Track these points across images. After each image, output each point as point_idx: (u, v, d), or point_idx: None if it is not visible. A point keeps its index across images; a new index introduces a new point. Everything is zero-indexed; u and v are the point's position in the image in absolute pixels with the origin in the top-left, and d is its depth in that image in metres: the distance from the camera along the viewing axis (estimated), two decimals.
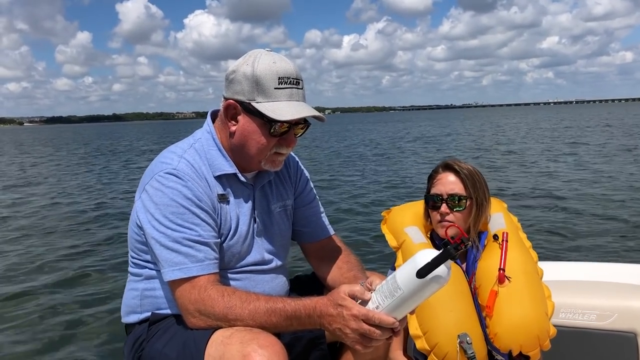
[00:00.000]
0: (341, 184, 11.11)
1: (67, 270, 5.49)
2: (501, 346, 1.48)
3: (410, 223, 1.70)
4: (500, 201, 1.77)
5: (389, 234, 1.74)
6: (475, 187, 1.59)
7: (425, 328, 1.49)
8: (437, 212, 1.60)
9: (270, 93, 1.29)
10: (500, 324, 1.48)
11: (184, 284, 1.25)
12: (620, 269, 2.26)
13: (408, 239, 1.65)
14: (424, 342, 1.50)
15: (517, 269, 1.53)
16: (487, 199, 1.63)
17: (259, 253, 1.44)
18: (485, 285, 1.52)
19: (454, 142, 23.50)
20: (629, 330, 1.77)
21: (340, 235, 1.69)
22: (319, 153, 19.78)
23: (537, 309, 1.49)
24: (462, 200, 1.58)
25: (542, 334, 1.47)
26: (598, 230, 6.19)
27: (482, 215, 1.61)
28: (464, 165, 1.63)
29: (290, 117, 1.28)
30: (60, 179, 14.68)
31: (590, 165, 12.59)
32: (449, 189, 1.59)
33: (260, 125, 1.31)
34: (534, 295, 1.51)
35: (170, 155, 1.36)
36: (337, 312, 1.12)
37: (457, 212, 1.58)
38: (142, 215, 1.31)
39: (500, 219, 1.67)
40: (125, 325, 1.47)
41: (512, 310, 1.48)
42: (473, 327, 1.49)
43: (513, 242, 1.59)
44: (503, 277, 1.50)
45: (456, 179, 1.60)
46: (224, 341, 1.17)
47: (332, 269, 1.52)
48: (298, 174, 1.59)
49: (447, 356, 1.47)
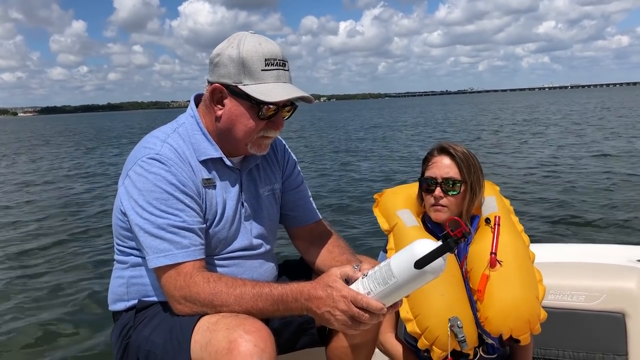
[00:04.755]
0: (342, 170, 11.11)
1: (54, 258, 5.48)
2: (492, 330, 1.48)
3: (402, 206, 1.69)
4: (493, 184, 1.75)
5: (381, 216, 1.72)
6: (470, 171, 1.57)
7: (416, 311, 1.49)
8: (430, 196, 1.59)
9: (257, 75, 1.26)
10: (491, 308, 1.47)
11: (169, 270, 1.24)
12: (609, 250, 2.28)
13: (400, 222, 1.64)
14: (415, 326, 1.49)
15: (508, 253, 1.52)
16: (481, 184, 1.62)
17: (247, 238, 1.42)
18: (476, 269, 1.52)
19: (449, 127, 23.50)
20: (617, 311, 1.78)
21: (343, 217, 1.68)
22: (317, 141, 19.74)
23: (528, 293, 1.48)
24: (457, 184, 1.56)
25: (532, 318, 1.47)
26: (587, 211, 6.24)
27: (475, 199, 1.59)
28: (459, 148, 1.60)
29: (279, 98, 1.26)
30: (45, 167, 14.58)
31: (579, 148, 12.67)
32: (444, 172, 1.57)
33: (247, 108, 1.29)
34: (525, 279, 1.50)
35: (153, 140, 1.34)
36: (327, 294, 1.11)
37: (451, 196, 1.56)
38: (125, 202, 1.29)
39: (492, 202, 1.66)
40: (113, 313, 1.45)
41: (503, 294, 1.47)
42: (464, 311, 1.48)
43: (505, 226, 1.58)
44: (495, 261, 1.50)
45: (451, 163, 1.58)
46: (210, 327, 1.15)
47: (322, 252, 1.51)
48: (285, 158, 1.57)
49: (438, 340, 1.47)
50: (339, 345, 1.49)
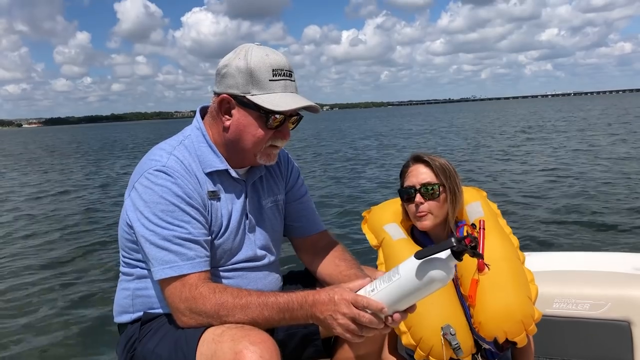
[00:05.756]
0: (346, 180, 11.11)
1: (60, 270, 5.49)
2: (486, 334, 1.48)
3: (389, 220, 1.71)
4: (479, 190, 1.77)
5: (369, 232, 1.75)
6: (446, 175, 1.60)
7: (409, 323, 1.50)
8: (412, 204, 1.61)
9: (265, 85, 1.28)
10: (484, 312, 1.47)
11: (174, 282, 1.24)
12: (613, 258, 2.26)
13: (387, 236, 1.66)
14: (409, 338, 1.50)
15: (496, 256, 1.53)
16: (460, 187, 1.64)
17: (251, 249, 1.43)
18: (466, 275, 1.53)
19: (445, 138, 23.50)
20: (622, 319, 1.77)
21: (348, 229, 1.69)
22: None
23: (519, 294, 1.48)
24: (435, 187, 1.58)
25: (526, 319, 1.46)
26: (590, 219, 6.20)
27: (457, 202, 1.61)
28: (434, 156, 1.65)
29: (288, 107, 1.28)
30: (53, 179, 14.67)
31: (582, 155, 12.63)
32: (421, 179, 1.60)
33: (256, 117, 1.30)
34: (515, 280, 1.50)
35: (160, 152, 1.35)
36: (329, 298, 1.12)
37: (432, 201, 1.59)
38: (131, 214, 1.30)
39: (478, 207, 1.67)
40: (118, 325, 1.46)
41: (493, 298, 1.47)
42: (457, 318, 1.49)
43: (491, 229, 1.59)
44: (482, 264, 1.51)
45: (427, 169, 1.61)
46: (215, 339, 1.16)
47: (328, 265, 1.51)
48: (289, 168, 1.58)
49: (433, 349, 1.47)
50: (344, 357, 1.48)
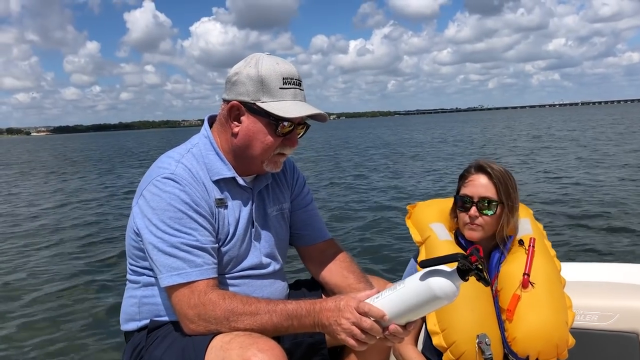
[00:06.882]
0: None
1: (67, 278, 5.51)
2: (519, 351, 1.47)
3: (435, 219, 1.68)
4: (526, 207, 1.74)
5: (413, 228, 1.71)
6: (507, 191, 1.54)
7: (444, 325, 1.49)
8: (465, 214, 1.56)
9: (275, 93, 1.30)
10: (520, 328, 1.46)
11: (182, 289, 1.24)
12: (622, 269, 2.24)
13: (433, 235, 1.63)
14: (442, 339, 1.49)
15: (541, 276, 1.52)
16: (517, 205, 1.59)
17: (257, 257, 1.43)
18: (507, 289, 1.51)
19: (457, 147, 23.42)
20: (630, 331, 1.75)
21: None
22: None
23: (558, 317, 1.48)
24: (493, 204, 1.53)
25: (561, 343, 1.46)
26: (599, 231, 6.13)
27: (511, 220, 1.56)
28: (497, 167, 1.57)
29: (297, 114, 1.29)
30: (60, 188, 14.77)
31: (592, 167, 12.52)
32: (481, 191, 1.54)
33: (265, 124, 1.32)
34: (555, 303, 1.50)
35: (168, 160, 1.36)
36: (335, 304, 1.14)
37: (487, 216, 1.54)
38: (139, 221, 1.30)
39: (527, 224, 1.65)
40: (125, 333, 1.46)
41: (533, 316, 1.46)
42: (492, 329, 1.48)
43: (539, 249, 1.57)
44: (527, 282, 1.49)
45: (488, 182, 1.55)
46: (223, 346, 1.16)
47: (335, 275, 1.51)
48: (294, 177, 1.59)
49: (464, 355, 1.46)
50: None
